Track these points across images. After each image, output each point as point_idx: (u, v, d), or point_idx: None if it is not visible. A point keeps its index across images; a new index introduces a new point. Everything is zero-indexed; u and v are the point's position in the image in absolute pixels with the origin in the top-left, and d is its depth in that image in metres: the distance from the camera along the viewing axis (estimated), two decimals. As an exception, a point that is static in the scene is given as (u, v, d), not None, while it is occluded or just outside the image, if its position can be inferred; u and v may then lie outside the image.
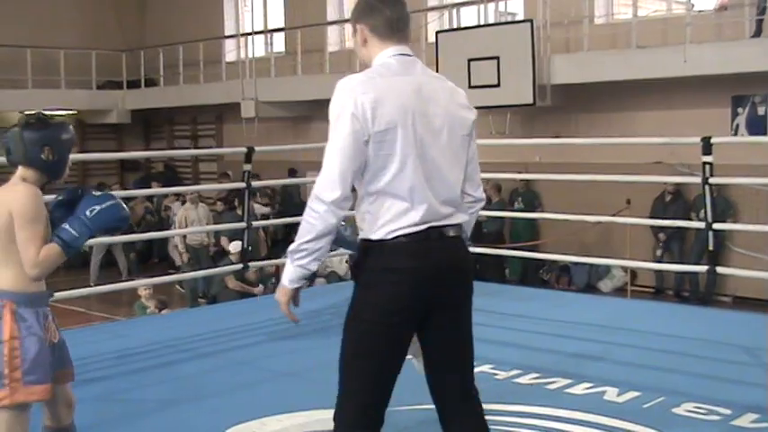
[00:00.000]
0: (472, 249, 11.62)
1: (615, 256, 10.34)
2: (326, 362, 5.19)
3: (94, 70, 18.65)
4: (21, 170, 3.16)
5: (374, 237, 2.78)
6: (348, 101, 2.72)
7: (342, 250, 11.00)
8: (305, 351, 5.56)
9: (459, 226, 2.88)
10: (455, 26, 14.10)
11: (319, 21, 16.13)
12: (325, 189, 2.73)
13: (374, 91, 2.74)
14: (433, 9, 14.80)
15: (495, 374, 5.03)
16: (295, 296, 2.84)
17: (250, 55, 16.45)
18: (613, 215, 10.35)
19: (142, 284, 9.52)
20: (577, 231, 11.94)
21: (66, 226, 3.09)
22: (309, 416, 4.30)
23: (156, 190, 14.20)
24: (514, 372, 5.04)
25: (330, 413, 2.90)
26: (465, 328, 2.96)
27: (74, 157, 3.50)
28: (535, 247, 12.64)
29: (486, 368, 5.11)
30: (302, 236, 2.76)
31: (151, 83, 19.01)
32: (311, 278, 3.10)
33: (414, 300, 2.78)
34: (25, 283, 3.06)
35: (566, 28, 12.69)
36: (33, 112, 3.33)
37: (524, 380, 4.93)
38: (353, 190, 2.81)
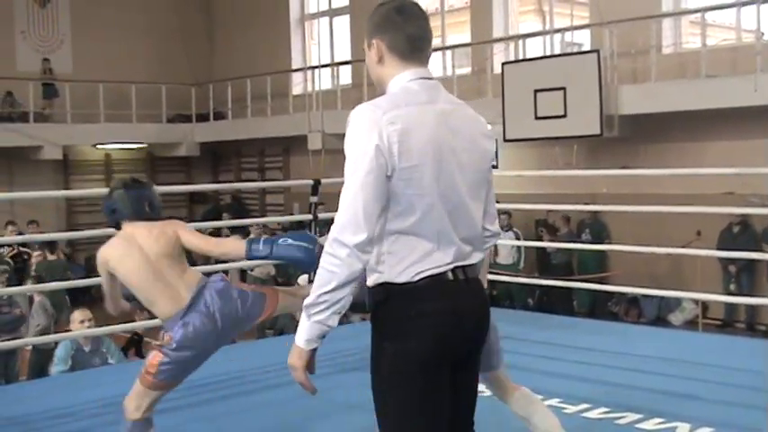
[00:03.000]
0: (540, 281, 11.57)
1: (686, 289, 10.16)
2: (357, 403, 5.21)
3: (164, 104, 19.09)
4: (127, 225, 3.71)
5: (399, 279, 2.47)
6: (373, 132, 2.41)
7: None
8: (345, 389, 5.54)
9: (477, 266, 2.62)
10: (521, 57, 14.09)
11: (385, 53, 16.26)
12: (347, 231, 2.40)
13: (401, 122, 2.43)
14: (499, 40, 14.82)
15: (564, 408, 4.96)
16: (311, 359, 2.52)
17: (317, 88, 16.66)
18: (683, 247, 10.20)
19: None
20: (647, 263, 11.76)
21: (260, 239, 3.58)
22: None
23: (224, 222, 14.39)
24: (583, 406, 4.97)
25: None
26: (474, 381, 2.74)
27: None
28: (604, 278, 12.49)
29: (554, 402, 5.05)
30: (321, 286, 2.42)
31: (219, 116, 19.35)
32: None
33: (456, 342, 2.51)
34: (164, 311, 3.63)
35: (633, 58, 12.59)
36: (126, 177, 3.97)
37: (593, 414, 4.86)
38: None
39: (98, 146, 19.45)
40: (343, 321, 2.68)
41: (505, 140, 13.22)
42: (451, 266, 2.51)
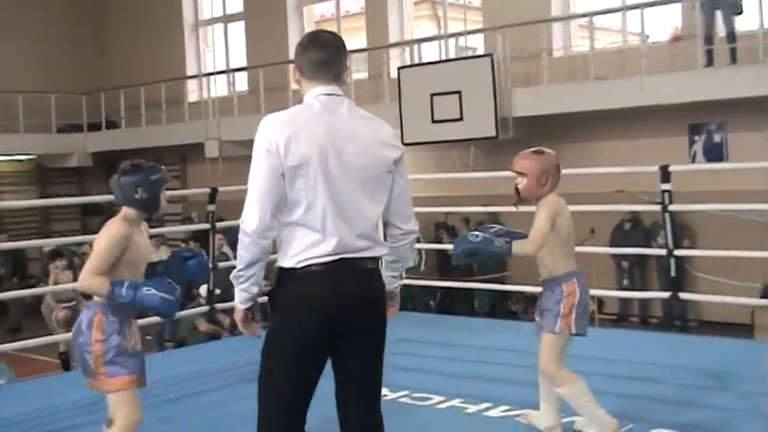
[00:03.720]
0: (440, 283, 11.68)
1: (581, 286, 10.39)
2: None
3: (54, 113, 18.49)
4: (123, 209, 3.75)
5: (286, 265, 2.95)
6: (264, 138, 2.94)
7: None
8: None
9: (375, 259, 3.03)
10: (417, 62, 14.22)
11: (281, 59, 16.20)
12: (247, 221, 2.92)
13: (290, 128, 2.92)
14: (394, 45, 14.92)
15: (465, 408, 5.03)
16: (250, 315, 3.06)
17: (213, 95, 16.47)
18: (578, 244, 10.42)
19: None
20: (543, 262, 11.99)
21: (124, 284, 3.56)
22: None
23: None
24: (484, 405, 5.05)
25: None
26: (374, 359, 3.08)
27: (33, 202, 4.23)
28: (503, 278, 12.69)
29: (455, 402, 5.12)
30: (238, 264, 2.98)
31: (112, 125, 18.91)
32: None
33: (325, 327, 2.93)
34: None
35: (525, 61, 12.85)
36: (130, 162, 3.86)
37: (494, 413, 4.94)
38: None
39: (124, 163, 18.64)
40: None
41: (403, 144, 13.26)
42: (336, 257, 2.90)
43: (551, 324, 4.23)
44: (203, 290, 10.02)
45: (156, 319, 5.72)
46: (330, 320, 2.92)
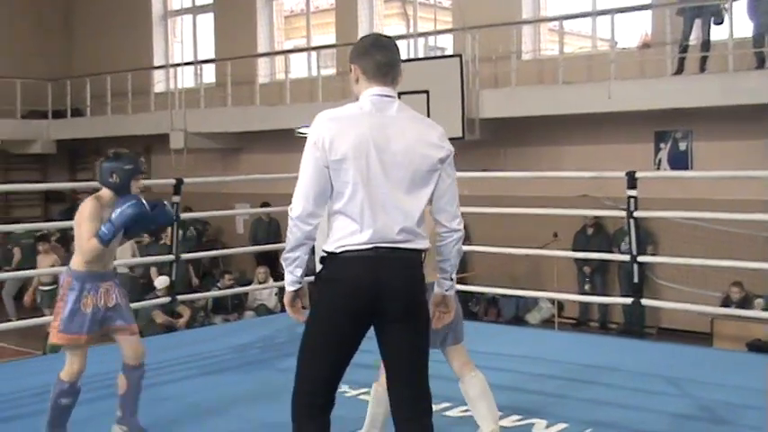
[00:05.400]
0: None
1: (543, 289, 10.46)
2: (251, 397, 5.16)
3: (19, 99, 18.28)
4: (102, 189, 4.38)
5: (327, 249, 3.16)
6: (314, 132, 3.13)
7: (271, 282, 10.94)
8: (230, 386, 5.48)
9: (414, 251, 3.17)
10: (385, 60, 14.18)
11: (250, 52, 16.10)
12: (293, 207, 3.15)
13: (337, 125, 3.12)
14: (363, 43, 14.88)
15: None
16: (298, 297, 3.27)
17: (179, 86, 16.33)
18: (540, 248, 10.48)
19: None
20: (506, 264, 12.04)
21: (102, 228, 4.18)
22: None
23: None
24: (444, 405, 5.03)
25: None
26: (414, 343, 3.21)
27: None
28: (464, 279, 12.71)
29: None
30: (286, 247, 3.22)
31: (77, 113, 18.70)
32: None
33: (353, 307, 3.12)
34: (80, 265, 4.27)
35: (494, 63, 12.87)
36: (114, 150, 4.47)
37: (453, 413, 4.93)
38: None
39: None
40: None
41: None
42: (371, 245, 3.09)
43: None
44: (160, 282, 9.96)
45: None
46: (358, 302, 3.11)
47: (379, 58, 3.25)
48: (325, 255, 3.18)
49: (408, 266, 3.17)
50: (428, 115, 12.51)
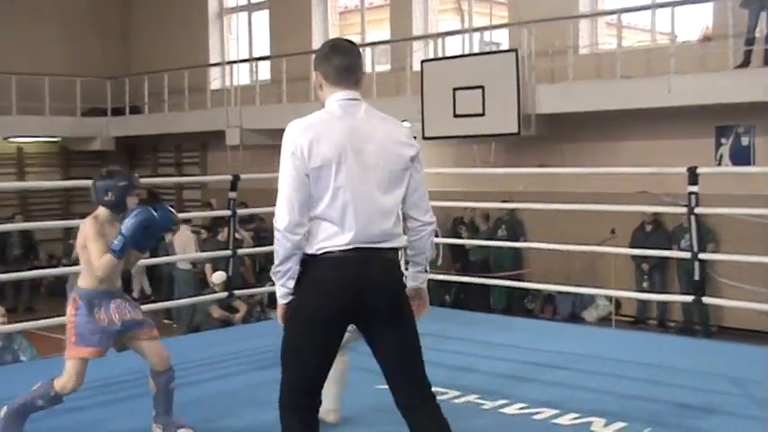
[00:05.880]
0: (457, 278, 11.63)
1: (600, 286, 10.33)
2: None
3: (79, 97, 18.61)
4: (99, 208, 4.40)
5: (310, 252, 3.20)
6: (290, 142, 3.17)
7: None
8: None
9: (393, 250, 3.26)
10: (440, 55, 14.15)
11: (305, 49, 16.17)
12: (278, 218, 3.18)
13: (312, 133, 3.16)
14: (418, 38, 14.86)
15: (482, 404, 4.98)
16: (288, 309, 3.26)
17: (235, 83, 16.47)
18: (597, 245, 10.35)
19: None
20: (562, 260, 11.93)
21: (113, 242, 4.20)
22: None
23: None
24: (501, 401, 4.99)
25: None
26: (404, 342, 3.29)
27: (56, 184, 4.90)
28: (520, 276, 12.62)
29: (472, 398, 5.07)
30: (275, 261, 3.23)
31: (135, 110, 18.96)
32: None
33: (334, 308, 3.18)
34: (88, 284, 4.30)
35: (551, 58, 12.75)
36: (108, 169, 4.56)
37: (510, 410, 4.88)
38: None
39: (10, 139, 18.87)
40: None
41: (424, 138, 13.25)
42: (352, 246, 3.15)
43: None
44: (217, 277, 10.03)
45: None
46: (340, 302, 3.17)
47: (338, 62, 3.28)
48: (305, 257, 3.21)
49: (389, 266, 3.26)
50: (483, 111, 12.54)
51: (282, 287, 3.25)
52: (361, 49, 3.44)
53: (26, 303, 14.97)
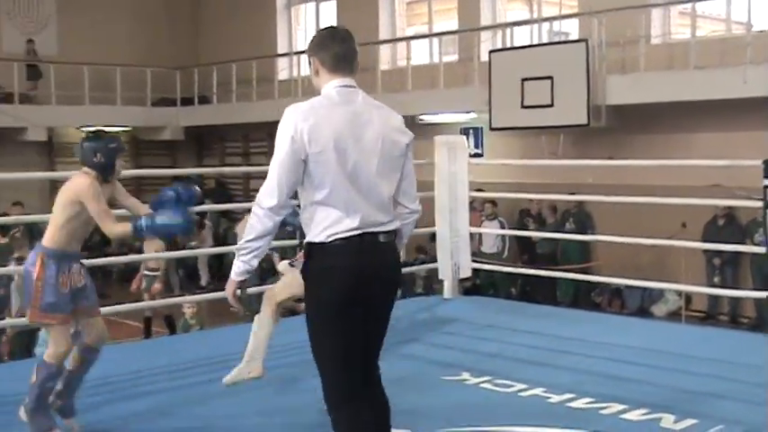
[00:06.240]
0: (525, 270, 11.52)
1: (669, 280, 10.14)
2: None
3: (149, 87, 18.93)
4: (84, 168, 4.34)
5: (316, 240, 3.21)
6: (290, 125, 3.17)
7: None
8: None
9: (390, 233, 3.31)
10: (508, 45, 14.02)
11: (371, 39, 16.17)
12: (264, 197, 3.20)
13: (313, 118, 3.17)
14: (486, 28, 14.75)
15: (548, 398, 4.93)
16: (241, 287, 3.33)
17: (302, 73, 16.54)
18: (668, 238, 10.16)
19: (188, 301, 9.55)
20: (631, 254, 11.75)
21: (142, 221, 4.18)
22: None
23: (208, 207, 14.25)
24: (568, 395, 4.93)
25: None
26: (386, 322, 3.38)
27: (128, 172, 4.62)
28: (587, 269, 12.46)
29: (538, 391, 5.02)
30: (246, 236, 3.23)
31: (204, 100, 19.19)
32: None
33: (351, 292, 3.18)
34: (57, 243, 4.23)
35: (622, 48, 12.54)
36: (93, 129, 4.45)
37: (578, 404, 4.82)
38: (295, 198, 3.28)
39: (82, 128, 19.24)
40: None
41: (491, 129, 13.17)
42: (359, 231, 3.18)
43: None
44: (283, 266, 10.07)
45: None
46: (354, 287, 3.18)
47: (336, 49, 3.32)
48: (312, 246, 3.22)
49: (391, 249, 3.35)
50: (551, 102, 12.40)
51: (245, 264, 3.26)
52: (427, 40, 3.43)
53: (99, 289, 15.28)
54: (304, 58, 16.84)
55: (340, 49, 3.32)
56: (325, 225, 3.18)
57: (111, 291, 15.19)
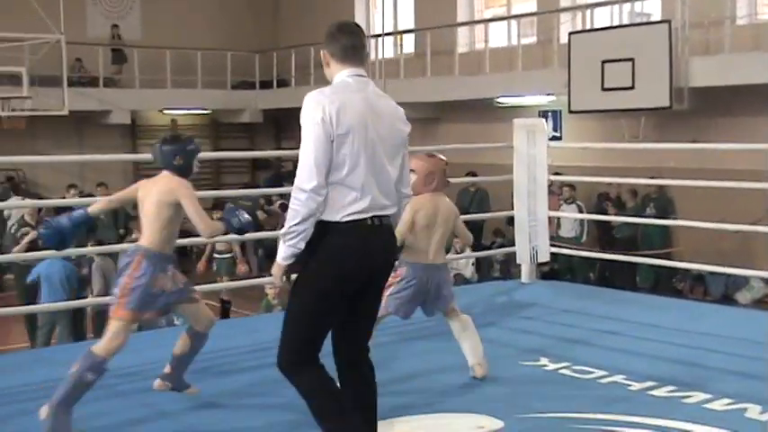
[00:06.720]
0: (604, 255, 11.33)
1: (754, 267, 9.89)
2: (451, 365, 5.18)
3: (229, 70, 19.19)
4: (164, 172, 4.34)
5: (331, 219, 3.35)
6: (318, 109, 3.34)
7: (468, 252, 10.94)
8: (432, 353, 5.52)
9: (389, 216, 3.50)
10: (588, 27, 13.82)
11: (449, 22, 16.09)
12: (304, 180, 3.30)
13: (338, 101, 3.36)
14: (565, 10, 14.55)
15: (629, 385, 4.86)
16: (287, 272, 3.42)
17: (380, 56, 16.56)
18: (752, 224, 9.92)
19: (267, 283, 9.65)
20: (714, 239, 11.50)
21: (230, 216, 4.28)
22: (435, 418, 4.27)
23: (286, 189, 14.36)
24: (649, 383, 4.86)
25: (455, 417, 2.94)
26: (378, 302, 3.66)
27: (208, 155, 4.80)
28: (668, 254, 12.25)
29: (618, 378, 4.97)
30: (290, 220, 3.32)
31: (283, 83, 19.37)
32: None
33: (361, 272, 3.40)
34: (155, 245, 4.23)
35: (706, 29, 12.27)
36: (169, 135, 4.52)
37: (660, 392, 4.75)
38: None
39: (165, 111, 19.65)
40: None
41: (570, 112, 13.00)
42: (370, 214, 3.38)
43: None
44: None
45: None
46: (361, 267, 3.39)
47: (345, 41, 3.50)
48: (324, 224, 3.35)
49: (389, 233, 3.53)
50: (632, 84, 12.19)
51: (292, 248, 3.35)
52: (506, 22, 3.48)
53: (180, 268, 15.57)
54: (382, 40, 17.02)
55: (348, 41, 3.50)
56: (342, 204, 3.35)
57: (191, 271, 15.53)
